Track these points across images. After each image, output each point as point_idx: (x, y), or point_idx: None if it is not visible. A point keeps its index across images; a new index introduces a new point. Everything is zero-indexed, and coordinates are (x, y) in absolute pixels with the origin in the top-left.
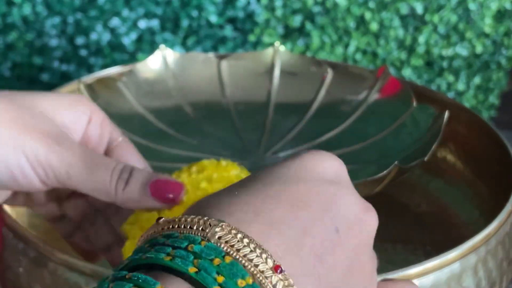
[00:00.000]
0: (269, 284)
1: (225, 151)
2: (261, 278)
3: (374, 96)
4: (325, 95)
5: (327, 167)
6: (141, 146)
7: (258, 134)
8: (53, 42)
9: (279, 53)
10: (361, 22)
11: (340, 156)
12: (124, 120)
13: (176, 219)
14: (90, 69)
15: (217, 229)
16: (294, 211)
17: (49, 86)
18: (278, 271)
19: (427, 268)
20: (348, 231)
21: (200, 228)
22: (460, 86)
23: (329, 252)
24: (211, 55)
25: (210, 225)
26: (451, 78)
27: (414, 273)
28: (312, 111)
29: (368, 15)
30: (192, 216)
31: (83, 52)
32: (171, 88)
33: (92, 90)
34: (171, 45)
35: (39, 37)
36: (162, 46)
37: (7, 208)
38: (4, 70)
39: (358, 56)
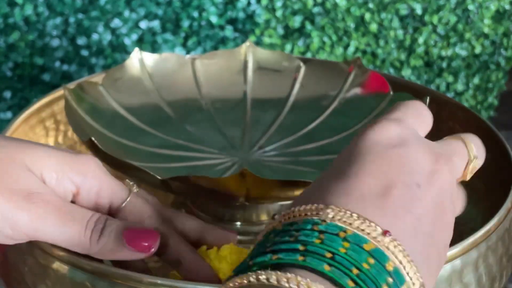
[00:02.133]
0: (383, 246)
1: (211, 148)
2: (376, 241)
3: (350, 87)
4: (300, 88)
5: (390, 135)
6: (129, 148)
7: (240, 130)
8: (55, 42)
9: (251, 49)
10: (361, 22)
11: (324, 147)
12: (107, 122)
13: (290, 211)
14: (91, 70)
15: (328, 211)
16: (377, 183)
17: (50, 86)
18: (388, 234)
19: None
20: (427, 183)
21: (314, 213)
22: (459, 86)
23: (417, 206)
24: (185, 55)
25: (322, 209)
26: (450, 78)
27: None
28: (289, 104)
29: (367, 16)
30: (304, 206)
31: (85, 53)
32: (149, 89)
33: (77, 95)
34: (172, 46)
35: (41, 37)
36: (136, 49)
37: None
38: (5, 70)
39: None
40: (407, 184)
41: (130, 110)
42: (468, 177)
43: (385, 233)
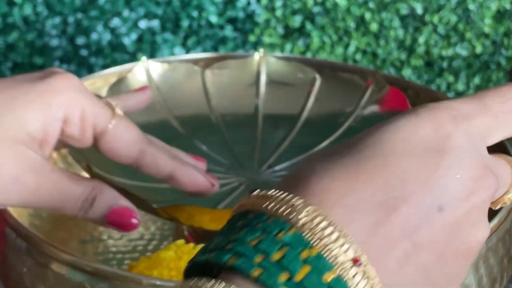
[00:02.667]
0: (348, 275)
1: (219, 167)
2: (341, 269)
3: (367, 103)
4: (314, 102)
5: (429, 133)
6: (129, 168)
7: (250, 146)
8: (54, 42)
9: (264, 59)
10: (361, 22)
11: None
12: None
13: (267, 195)
14: (90, 69)
15: (301, 216)
16: (387, 191)
17: None
18: (358, 264)
19: None
20: (453, 207)
21: (287, 211)
22: (460, 86)
23: (423, 233)
24: (195, 65)
25: (296, 209)
26: (451, 78)
27: None
28: (302, 120)
29: (368, 16)
30: (282, 194)
31: (84, 52)
32: (156, 102)
33: None
34: (171, 45)
35: (40, 37)
36: (143, 58)
37: (9, 208)
38: (4, 70)
39: (358, 57)
40: (425, 203)
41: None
42: (496, 207)
43: (355, 261)
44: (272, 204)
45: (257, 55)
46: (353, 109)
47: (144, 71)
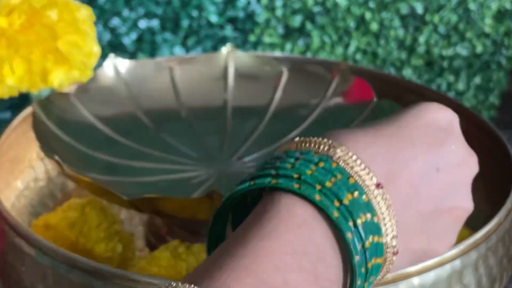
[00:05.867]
0: (371, 194)
1: (188, 160)
2: (366, 190)
3: (333, 95)
4: (282, 95)
5: (441, 116)
6: (101, 161)
7: (219, 139)
8: None
9: (232, 55)
10: (361, 22)
11: None
12: (80, 134)
13: (308, 140)
14: None
15: (338, 150)
16: (400, 148)
17: None
18: (380, 186)
19: (429, 265)
20: (447, 171)
21: (326, 148)
22: (460, 86)
23: (424, 185)
24: (163, 60)
25: (334, 147)
26: (451, 78)
27: (415, 271)
28: (270, 112)
29: (368, 15)
30: (320, 139)
31: None
32: (125, 98)
33: (46, 109)
34: (171, 45)
35: None
36: (111, 55)
37: (8, 207)
38: None
39: (358, 56)
40: (427, 164)
41: (104, 121)
42: None
43: (377, 185)
44: (313, 143)
45: (224, 50)
46: (319, 100)
47: (112, 68)
